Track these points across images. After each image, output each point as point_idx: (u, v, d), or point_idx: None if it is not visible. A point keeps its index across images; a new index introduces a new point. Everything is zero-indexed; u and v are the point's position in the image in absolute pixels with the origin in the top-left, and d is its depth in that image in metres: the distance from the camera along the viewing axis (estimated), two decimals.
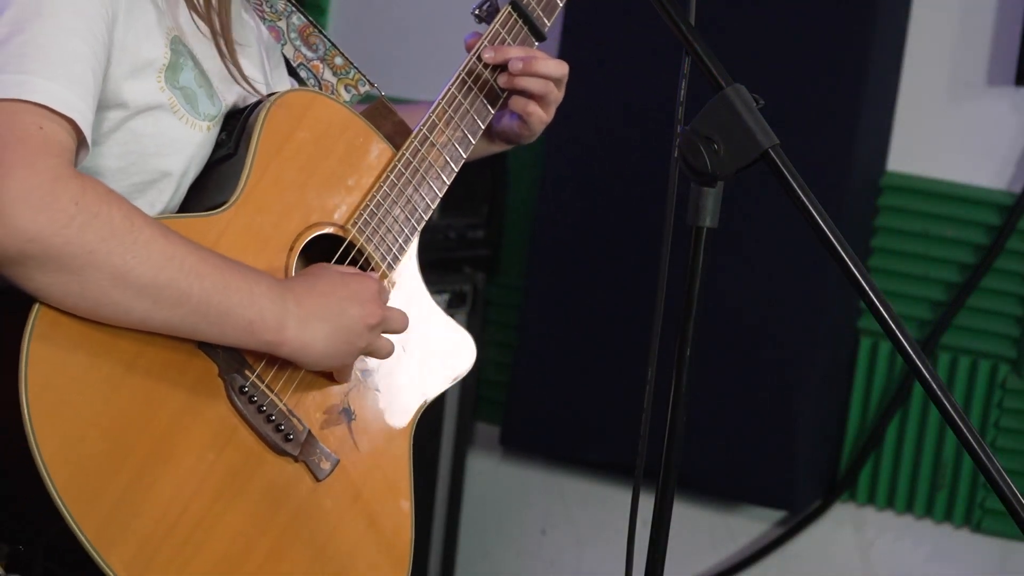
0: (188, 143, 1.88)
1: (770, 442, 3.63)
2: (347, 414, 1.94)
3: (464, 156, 2.08)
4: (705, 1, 2.13)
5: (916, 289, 3.70)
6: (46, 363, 1.68)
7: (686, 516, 3.74)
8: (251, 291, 1.78)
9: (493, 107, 2.12)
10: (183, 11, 1.91)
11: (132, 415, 1.74)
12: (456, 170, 2.07)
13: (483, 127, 2.11)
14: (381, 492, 1.95)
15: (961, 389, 3.65)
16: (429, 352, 2.06)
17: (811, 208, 1.64)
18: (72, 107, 1.70)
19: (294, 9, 2.07)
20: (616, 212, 3.70)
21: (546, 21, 2.17)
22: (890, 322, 1.63)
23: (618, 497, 3.88)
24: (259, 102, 1.94)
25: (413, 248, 2.04)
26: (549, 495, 4.05)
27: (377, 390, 1.98)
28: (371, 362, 1.97)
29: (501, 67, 2.10)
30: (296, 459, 1.86)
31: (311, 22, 2.09)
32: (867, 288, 1.63)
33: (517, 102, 2.14)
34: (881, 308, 1.63)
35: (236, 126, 1.92)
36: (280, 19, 2.07)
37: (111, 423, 1.72)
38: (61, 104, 1.69)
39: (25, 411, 1.65)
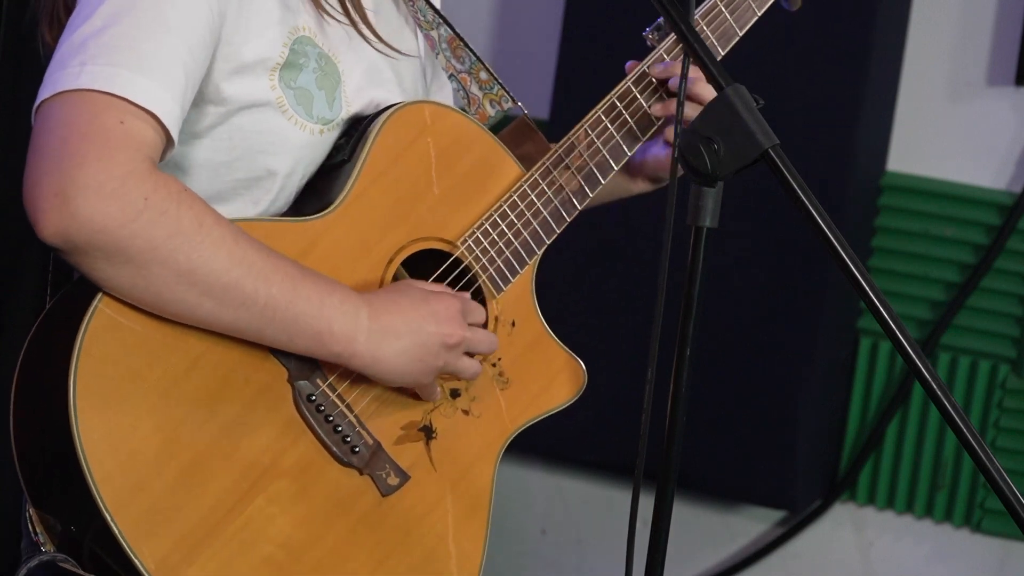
0: (294, 143, 1.86)
1: (770, 442, 3.63)
2: (427, 432, 1.91)
3: (602, 182, 2.02)
4: (705, 1, 2.13)
5: (916, 289, 3.70)
6: (100, 353, 1.69)
7: (686, 516, 3.74)
8: (322, 302, 1.76)
9: (643, 135, 2.04)
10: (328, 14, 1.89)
11: (190, 411, 1.73)
12: (591, 195, 2.01)
13: (628, 154, 2.04)
14: (454, 516, 1.92)
15: (961, 389, 3.65)
16: (528, 379, 2.00)
17: (811, 208, 1.64)
18: (157, 101, 1.69)
19: (441, 20, 2.04)
20: (616, 212, 3.70)
21: (720, 50, 2.10)
22: (890, 322, 1.63)
23: (618, 497, 3.88)
24: (384, 109, 1.91)
25: (529, 271, 2.00)
26: (549, 495, 4.05)
27: (466, 412, 1.95)
28: (461, 384, 1.94)
29: (658, 94, 2.04)
30: (361, 472, 1.84)
31: (457, 34, 2.05)
32: (867, 288, 1.63)
33: (671, 132, 2.04)
34: (881, 308, 1.63)
35: (356, 132, 1.90)
36: (432, 29, 2.04)
37: (165, 418, 1.72)
38: (145, 98, 1.68)
39: (71, 400, 1.66)
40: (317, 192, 1.90)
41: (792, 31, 3.56)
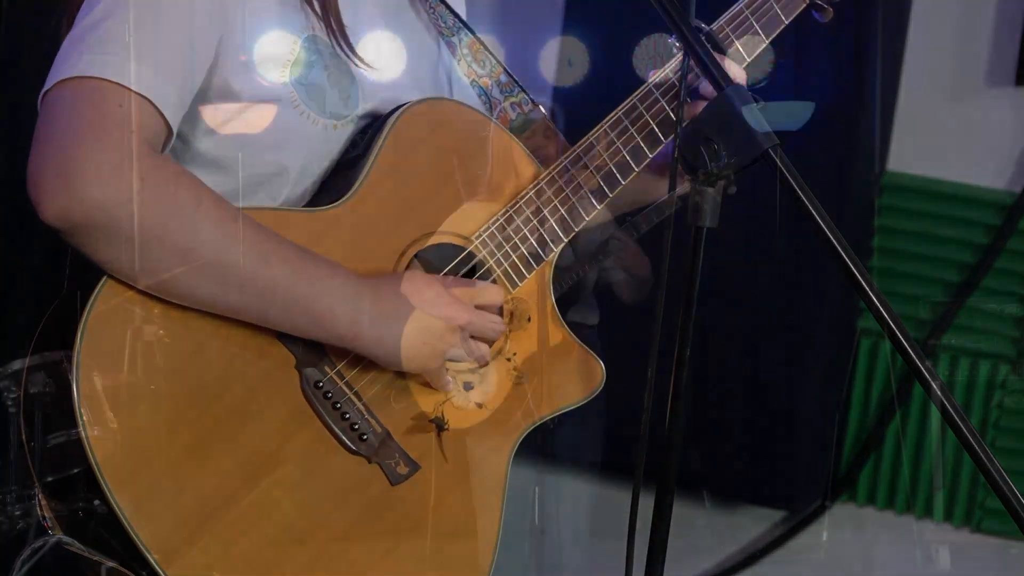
0: (306, 138, 1.87)
1: (770, 442, 3.63)
2: (439, 423, 1.90)
3: (622, 182, 2.01)
4: (705, 1, 2.13)
5: (916, 289, 3.70)
6: (104, 335, 1.71)
7: (686, 516, 3.73)
8: (323, 283, 1.77)
9: (665, 137, 2.03)
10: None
11: (195, 394, 1.75)
12: (610, 194, 2.01)
13: (650, 155, 2.03)
14: (466, 508, 1.92)
15: (961, 389, 3.65)
16: (543, 375, 2.00)
17: (811, 208, 1.64)
18: (152, 88, 1.72)
19: (461, 26, 2.05)
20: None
21: (745, 56, 2.09)
22: (890, 322, 1.63)
23: (618, 497, 3.87)
24: (400, 105, 1.92)
25: (546, 267, 1.99)
26: (549, 495, 4.05)
27: (479, 405, 1.94)
28: (475, 376, 1.94)
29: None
30: (370, 461, 1.84)
31: (477, 39, 2.06)
32: (867, 288, 1.64)
33: None
34: (881, 308, 1.63)
35: (372, 128, 1.91)
36: (453, 35, 2.05)
37: (170, 399, 1.73)
38: (140, 85, 1.71)
39: (75, 381, 1.68)
40: (332, 187, 1.91)
41: (792, 31, 3.55)
